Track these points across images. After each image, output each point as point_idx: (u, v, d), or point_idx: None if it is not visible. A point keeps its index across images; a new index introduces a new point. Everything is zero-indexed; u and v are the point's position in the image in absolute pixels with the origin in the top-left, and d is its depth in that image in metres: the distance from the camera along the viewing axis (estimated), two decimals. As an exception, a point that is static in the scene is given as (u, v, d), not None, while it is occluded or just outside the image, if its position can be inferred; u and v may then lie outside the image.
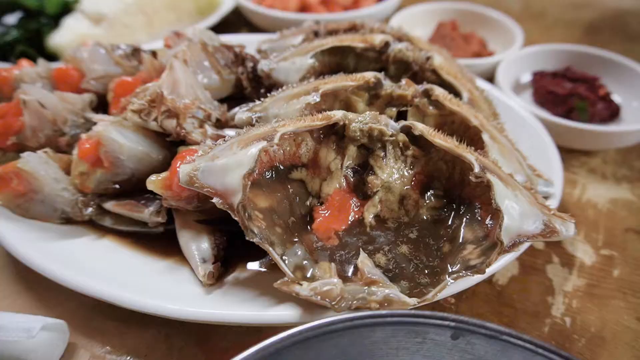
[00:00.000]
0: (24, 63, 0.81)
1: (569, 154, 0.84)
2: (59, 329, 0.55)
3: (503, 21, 1.11)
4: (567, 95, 0.88)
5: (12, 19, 1.14)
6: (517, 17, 1.23)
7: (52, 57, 1.02)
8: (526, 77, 0.99)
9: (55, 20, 1.08)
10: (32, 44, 1.04)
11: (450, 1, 1.21)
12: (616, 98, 0.92)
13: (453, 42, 1.03)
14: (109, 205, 0.64)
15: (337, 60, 0.77)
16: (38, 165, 0.62)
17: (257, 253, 0.57)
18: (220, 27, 1.17)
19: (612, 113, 0.89)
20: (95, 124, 0.68)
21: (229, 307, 0.52)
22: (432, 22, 1.15)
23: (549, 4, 1.36)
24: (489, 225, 0.53)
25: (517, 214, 0.51)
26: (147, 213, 0.61)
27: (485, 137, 0.62)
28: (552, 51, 0.99)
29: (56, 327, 0.55)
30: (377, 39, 0.74)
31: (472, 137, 0.65)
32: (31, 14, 1.09)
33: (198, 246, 0.58)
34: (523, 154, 0.67)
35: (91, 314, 0.59)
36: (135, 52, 0.83)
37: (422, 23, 1.16)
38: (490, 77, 0.94)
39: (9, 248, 0.59)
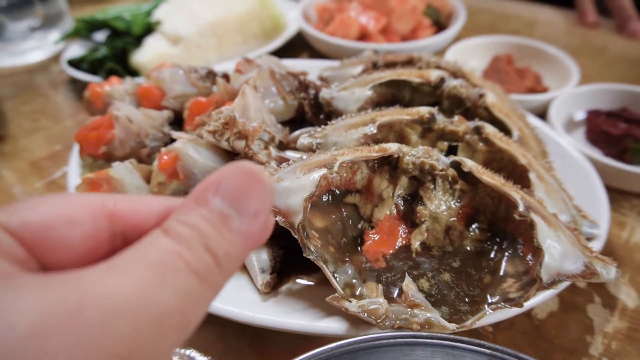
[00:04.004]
0: (114, 80, 0.92)
1: (620, 195, 0.85)
2: (134, 319, 0.63)
3: (559, 57, 1.12)
4: (621, 136, 0.89)
5: (100, 35, 1.28)
6: (576, 52, 1.24)
7: (134, 72, 1.14)
8: (580, 115, 1.00)
9: (138, 39, 1.20)
10: (118, 60, 1.16)
11: (506, 35, 1.24)
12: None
13: (507, 77, 1.06)
14: (181, 213, 0.72)
15: (393, 92, 0.82)
16: (125, 173, 0.72)
17: (308, 268, 0.63)
18: (284, 50, 1.26)
19: (668, 157, 0.88)
20: (172, 138, 0.77)
21: (283, 315, 0.58)
22: (488, 55, 1.18)
23: (610, 40, 1.35)
24: (529, 262, 0.56)
25: (557, 253, 0.54)
26: (214, 223, 0.68)
27: (532, 176, 0.65)
28: (608, 90, 1.00)
29: (132, 318, 0.62)
30: (433, 75, 0.78)
31: (519, 174, 0.68)
32: (118, 33, 1.22)
33: (258, 257, 0.64)
34: (569, 194, 0.69)
35: (160, 309, 0.67)
36: (210, 74, 0.92)
37: (478, 55, 1.19)
38: (543, 113, 0.96)
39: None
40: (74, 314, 0.20)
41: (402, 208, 0.63)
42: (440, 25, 1.29)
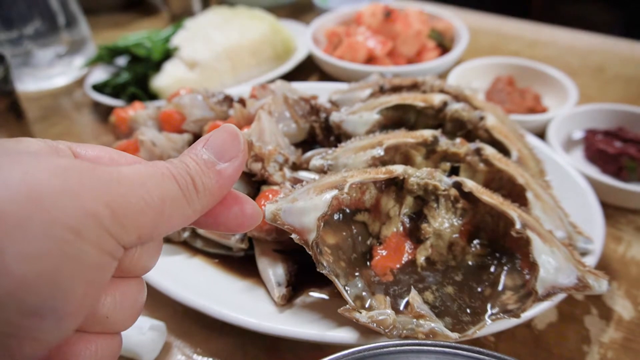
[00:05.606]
0: (137, 105, 0.99)
1: (616, 211, 0.89)
2: (160, 329, 0.68)
3: (558, 77, 1.17)
4: (617, 154, 0.93)
5: (121, 60, 1.35)
6: (575, 71, 1.29)
7: (154, 96, 1.21)
8: (578, 134, 1.04)
9: (157, 64, 1.27)
10: (139, 84, 1.23)
11: (507, 56, 1.29)
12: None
13: (508, 97, 1.11)
14: (202, 230, 0.78)
15: (399, 115, 0.88)
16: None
17: (321, 282, 0.68)
18: (295, 72, 1.32)
19: (663, 175, 0.92)
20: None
21: (298, 325, 0.63)
22: (490, 76, 1.23)
23: (609, 60, 1.40)
24: (526, 276, 0.60)
25: (552, 268, 0.58)
26: (233, 240, 0.74)
27: (529, 195, 0.69)
28: (605, 110, 1.04)
29: (158, 328, 0.68)
30: (436, 100, 0.84)
31: (518, 193, 0.72)
32: (138, 58, 1.29)
33: (274, 271, 0.69)
34: (565, 212, 0.73)
35: (183, 320, 0.72)
36: (226, 99, 0.98)
37: (480, 76, 1.24)
38: (542, 133, 1.01)
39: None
40: (114, 178, 0.32)
41: (407, 225, 0.68)
42: (444, 47, 1.35)
